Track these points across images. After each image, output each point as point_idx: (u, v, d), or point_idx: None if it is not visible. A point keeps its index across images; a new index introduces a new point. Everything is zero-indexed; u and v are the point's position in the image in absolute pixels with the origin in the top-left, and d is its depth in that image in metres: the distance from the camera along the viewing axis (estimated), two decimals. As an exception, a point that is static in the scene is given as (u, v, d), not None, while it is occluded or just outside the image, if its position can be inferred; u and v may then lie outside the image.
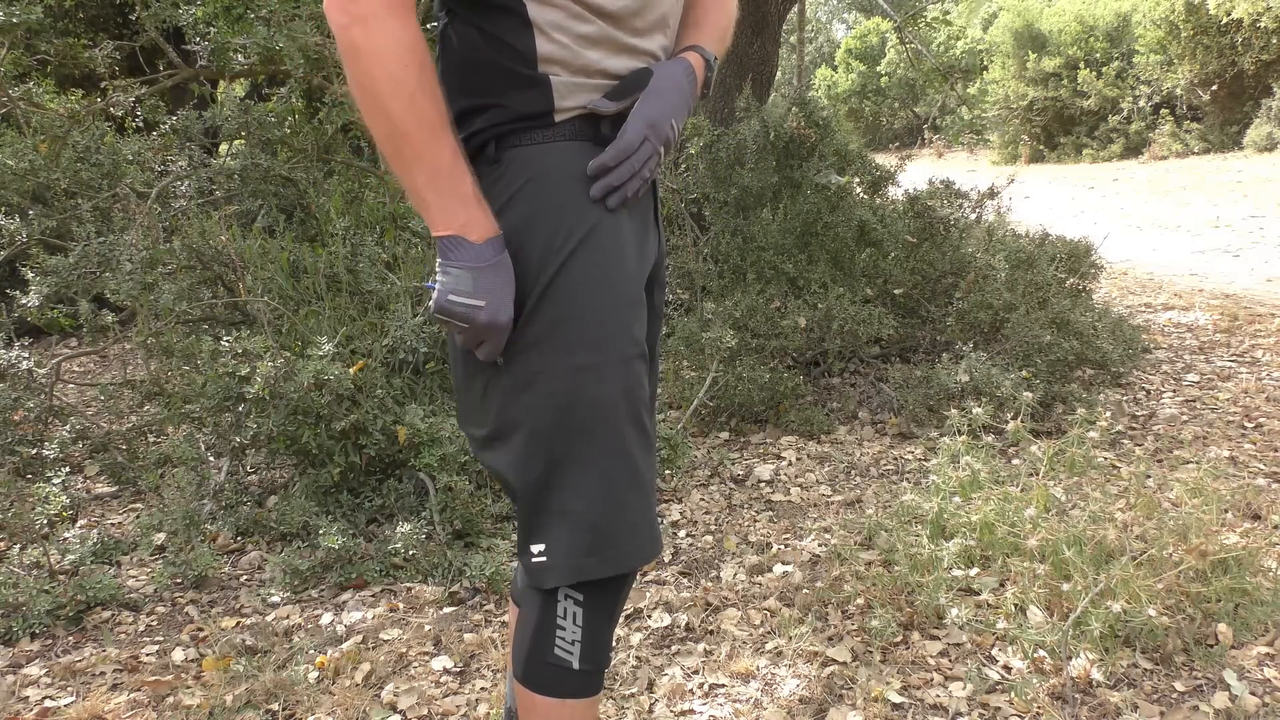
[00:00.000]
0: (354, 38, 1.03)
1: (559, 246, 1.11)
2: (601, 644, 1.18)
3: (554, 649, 1.16)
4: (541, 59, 1.11)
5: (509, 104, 1.12)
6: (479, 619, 2.34)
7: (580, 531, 1.12)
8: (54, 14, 6.28)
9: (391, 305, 3.37)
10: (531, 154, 1.13)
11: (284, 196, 4.68)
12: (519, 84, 1.12)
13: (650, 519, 1.18)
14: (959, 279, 4.01)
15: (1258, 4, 15.16)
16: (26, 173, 4.28)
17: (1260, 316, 5.25)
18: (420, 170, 1.06)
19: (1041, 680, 1.93)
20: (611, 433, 1.13)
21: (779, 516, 2.92)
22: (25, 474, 3.01)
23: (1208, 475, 2.51)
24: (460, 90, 1.15)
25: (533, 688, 1.18)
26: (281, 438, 2.75)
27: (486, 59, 1.13)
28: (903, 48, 7.48)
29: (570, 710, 1.18)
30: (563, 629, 1.15)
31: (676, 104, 1.16)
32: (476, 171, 1.14)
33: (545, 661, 1.16)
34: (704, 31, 1.27)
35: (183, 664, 2.19)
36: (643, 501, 1.17)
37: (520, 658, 1.19)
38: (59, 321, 3.90)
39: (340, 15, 1.03)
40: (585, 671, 1.17)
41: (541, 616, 1.16)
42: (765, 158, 4.11)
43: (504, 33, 1.11)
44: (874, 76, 29.09)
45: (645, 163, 1.14)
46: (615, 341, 1.13)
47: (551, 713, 1.18)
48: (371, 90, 1.04)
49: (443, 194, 1.07)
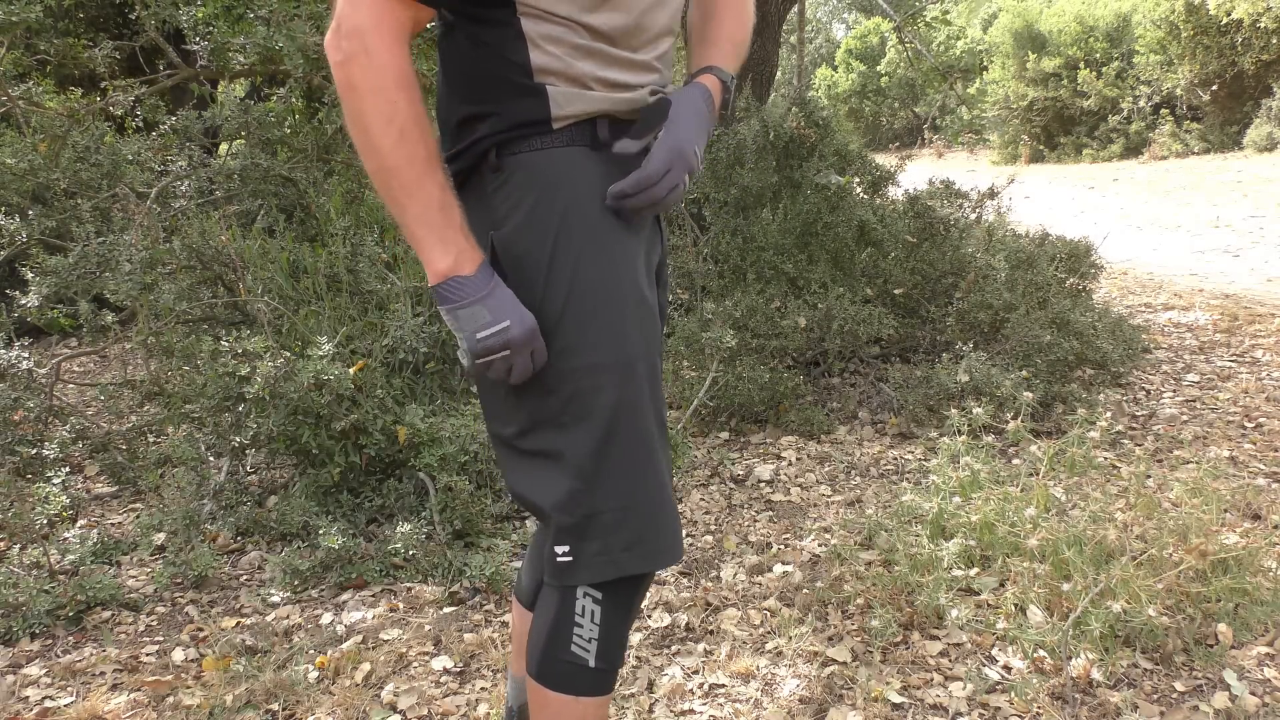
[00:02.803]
0: (347, 75, 1.06)
1: (565, 250, 1.12)
2: (617, 643, 1.19)
3: (570, 646, 1.16)
4: (537, 70, 1.12)
5: (508, 112, 1.13)
6: (479, 619, 2.34)
7: (612, 529, 1.13)
8: (54, 14, 6.28)
9: (391, 305, 3.38)
10: (533, 160, 1.14)
11: (284, 196, 4.68)
12: (517, 93, 1.13)
13: (674, 520, 1.18)
14: (959, 279, 4.01)
15: (1258, 4, 15.15)
16: (26, 173, 4.28)
17: (1260, 316, 5.25)
18: (411, 205, 1.09)
19: (1041, 680, 1.93)
20: (636, 432, 1.13)
21: (779, 516, 2.92)
22: (25, 474, 3.01)
23: (1208, 475, 2.51)
24: (461, 98, 1.17)
25: (546, 684, 1.18)
26: (281, 438, 2.75)
27: (485, 68, 1.14)
28: (903, 48, 7.48)
29: (582, 708, 1.18)
30: (580, 626, 1.16)
31: (697, 131, 1.18)
32: (480, 178, 1.16)
33: (560, 658, 1.17)
34: (720, 49, 1.28)
35: (183, 664, 2.19)
36: (668, 501, 1.17)
37: (535, 653, 1.20)
38: (59, 321, 3.90)
39: (334, 52, 1.06)
40: (600, 670, 1.18)
41: (559, 613, 1.17)
42: (765, 158, 4.11)
43: (500, 44, 1.12)
44: (874, 76, 29.10)
45: (670, 191, 1.15)
46: (627, 340, 1.13)
47: (564, 709, 1.18)
48: (363, 126, 1.07)
49: (433, 228, 1.09)
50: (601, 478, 1.13)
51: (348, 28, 1.04)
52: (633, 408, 1.13)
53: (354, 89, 1.05)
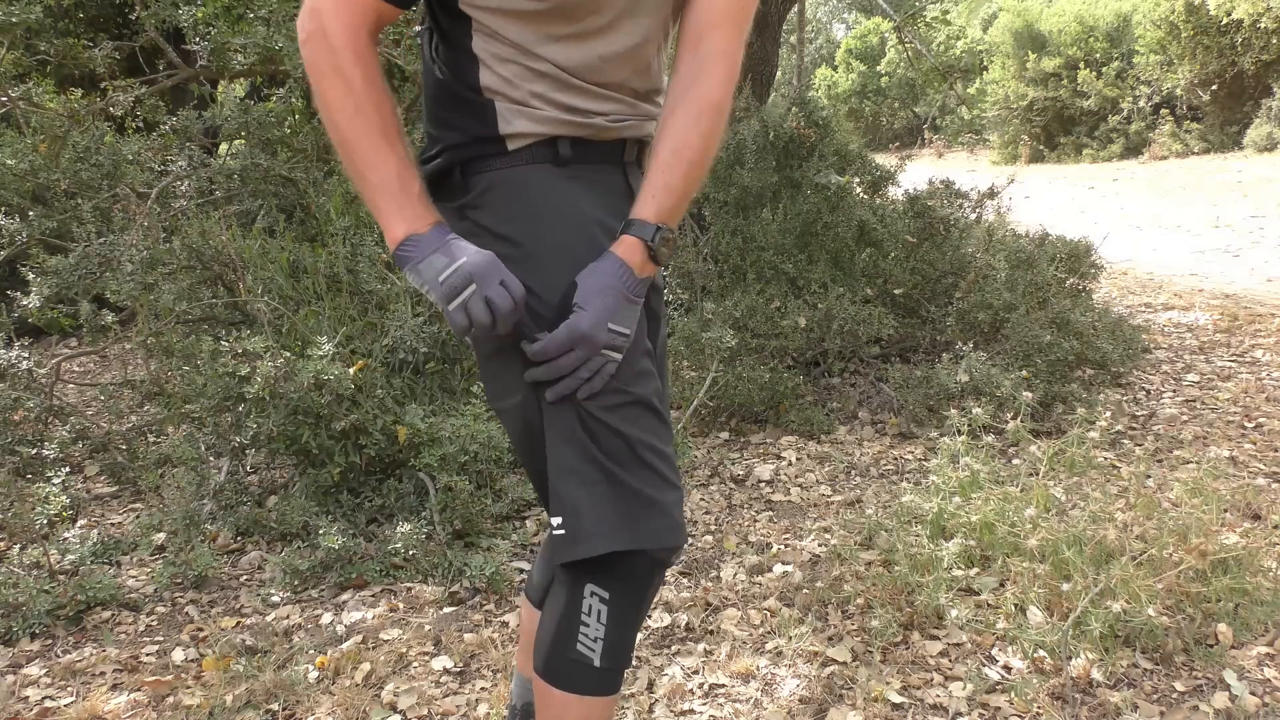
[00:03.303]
0: (307, 53, 1.11)
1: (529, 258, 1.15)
2: (624, 643, 1.18)
3: (576, 645, 1.16)
4: (484, 87, 1.16)
5: (465, 126, 1.18)
6: (479, 619, 2.34)
7: (606, 503, 1.12)
8: (53, 14, 6.27)
9: (391, 305, 3.38)
10: (495, 179, 1.18)
11: (284, 196, 4.68)
12: (470, 109, 1.18)
13: (671, 503, 1.17)
14: (959, 279, 4.01)
15: (1258, 4, 15.16)
16: (26, 173, 4.28)
17: (1260, 316, 5.25)
18: (370, 175, 1.13)
19: (1041, 680, 1.93)
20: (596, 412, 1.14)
21: (779, 516, 2.92)
22: (25, 474, 3.01)
23: (1208, 475, 2.51)
24: (430, 115, 1.23)
25: (552, 681, 1.19)
26: (281, 438, 2.75)
27: (446, 85, 1.20)
28: (903, 48, 7.48)
29: (587, 707, 1.18)
30: (586, 625, 1.16)
31: (606, 309, 1.11)
32: (448, 193, 1.21)
33: (566, 656, 1.17)
34: (651, 183, 1.15)
35: (183, 664, 2.19)
36: (658, 483, 1.15)
37: (542, 650, 1.20)
38: (59, 321, 3.90)
39: (300, 31, 1.12)
40: (605, 669, 1.17)
41: (566, 611, 1.17)
42: (765, 158, 4.11)
43: (456, 58, 1.17)
44: (874, 76, 29.09)
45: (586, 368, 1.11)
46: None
47: (568, 707, 1.18)
48: (324, 102, 1.12)
49: (392, 197, 1.13)
50: (590, 453, 1.13)
51: (309, 7, 1.11)
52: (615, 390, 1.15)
53: (313, 66, 1.11)
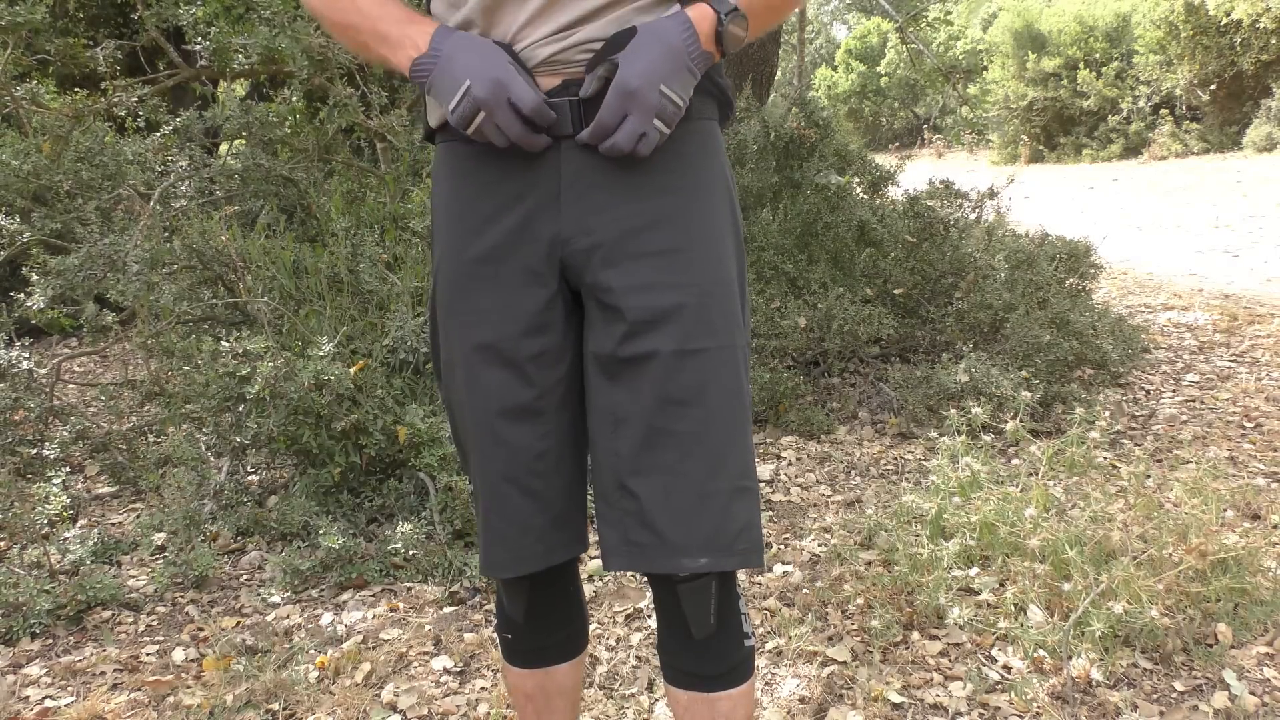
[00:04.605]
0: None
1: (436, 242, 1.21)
2: (502, 620, 1.34)
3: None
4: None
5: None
6: (479, 619, 2.35)
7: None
8: (54, 13, 6.27)
9: (392, 305, 3.37)
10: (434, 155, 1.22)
11: (285, 197, 4.68)
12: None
13: (496, 532, 1.20)
14: (959, 279, 4.01)
15: (1257, 4, 15.16)
16: (29, 175, 4.28)
17: (1260, 316, 5.25)
18: (375, 46, 1.12)
19: (1041, 680, 1.94)
20: (462, 432, 1.22)
21: (779, 516, 2.92)
22: (25, 474, 3.01)
23: (1207, 475, 2.51)
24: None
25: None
26: (282, 438, 2.75)
27: None
28: (903, 48, 7.48)
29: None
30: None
31: (660, 65, 1.02)
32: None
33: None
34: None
35: (183, 664, 2.19)
36: (492, 514, 1.20)
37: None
38: (59, 321, 3.90)
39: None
40: (502, 638, 1.36)
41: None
42: (765, 158, 4.11)
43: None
44: (874, 77, 29.08)
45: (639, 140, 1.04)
46: (455, 341, 1.18)
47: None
48: (318, 13, 1.16)
49: (401, 42, 1.10)
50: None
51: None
52: (453, 406, 1.23)
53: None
